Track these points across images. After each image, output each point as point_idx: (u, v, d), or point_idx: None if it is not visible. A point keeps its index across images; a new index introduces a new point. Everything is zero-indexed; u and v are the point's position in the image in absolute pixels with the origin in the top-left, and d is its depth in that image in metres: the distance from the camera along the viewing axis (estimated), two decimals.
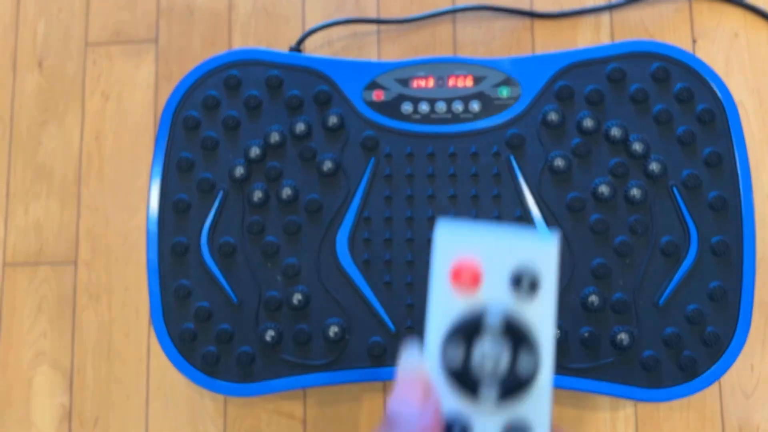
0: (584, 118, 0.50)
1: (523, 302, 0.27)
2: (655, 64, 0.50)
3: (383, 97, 0.51)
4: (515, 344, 0.27)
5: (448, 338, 0.27)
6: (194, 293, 0.49)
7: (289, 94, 0.51)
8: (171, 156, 0.51)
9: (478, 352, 0.27)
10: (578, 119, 0.50)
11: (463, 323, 0.27)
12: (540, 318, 0.27)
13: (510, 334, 0.27)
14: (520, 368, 0.27)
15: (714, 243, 0.48)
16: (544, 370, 0.27)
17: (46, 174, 0.61)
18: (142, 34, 0.63)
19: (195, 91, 0.52)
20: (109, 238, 0.59)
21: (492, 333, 0.27)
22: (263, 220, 0.50)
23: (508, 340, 0.27)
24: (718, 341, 0.47)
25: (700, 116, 0.49)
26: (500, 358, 0.27)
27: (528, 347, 0.27)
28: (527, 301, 0.27)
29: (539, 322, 0.27)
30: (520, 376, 0.27)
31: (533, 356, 0.27)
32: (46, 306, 0.59)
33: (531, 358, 0.27)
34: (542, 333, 0.27)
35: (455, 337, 0.27)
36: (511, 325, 0.27)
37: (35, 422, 0.57)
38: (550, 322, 0.27)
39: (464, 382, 0.27)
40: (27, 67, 0.63)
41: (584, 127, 0.50)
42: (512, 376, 0.27)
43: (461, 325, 0.27)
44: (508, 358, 0.27)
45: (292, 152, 0.51)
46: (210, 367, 0.49)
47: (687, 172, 0.49)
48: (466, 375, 0.27)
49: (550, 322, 0.27)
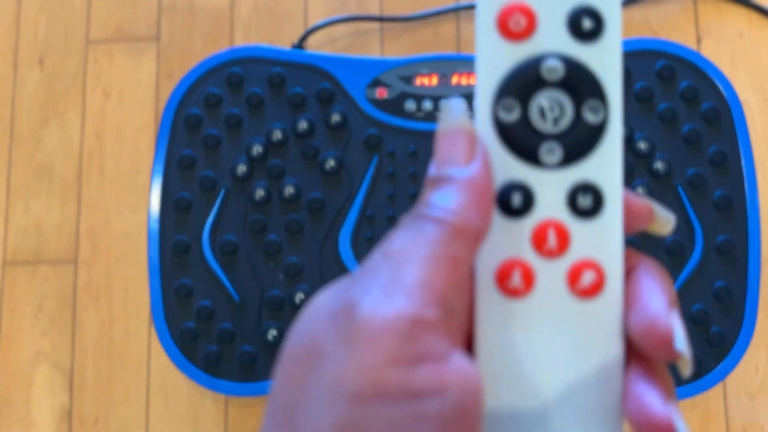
0: None
1: (585, 47, 0.23)
2: (660, 62, 0.50)
3: (386, 95, 0.51)
4: (578, 96, 0.23)
5: (498, 94, 0.23)
6: (196, 292, 0.49)
7: (291, 91, 0.51)
8: (172, 154, 0.51)
9: (534, 106, 0.23)
10: None
11: (515, 75, 0.23)
12: (605, 63, 0.23)
13: (571, 83, 0.23)
14: (585, 121, 0.23)
15: (719, 242, 0.48)
16: (614, 121, 0.23)
17: (46, 172, 0.60)
18: (143, 31, 0.62)
19: (197, 89, 0.52)
20: (109, 237, 0.59)
21: (551, 81, 0.23)
22: (265, 219, 0.50)
23: (569, 91, 0.23)
24: (723, 341, 0.47)
25: (705, 115, 0.49)
26: (562, 109, 0.23)
27: (593, 96, 0.23)
28: (589, 45, 0.23)
29: (605, 68, 0.23)
30: (585, 131, 0.23)
31: (600, 106, 0.23)
32: (46, 305, 0.58)
33: (598, 108, 0.23)
34: (609, 80, 0.23)
35: (508, 91, 0.23)
36: (572, 73, 0.23)
37: (35, 421, 0.57)
38: (617, 67, 0.23)
39: (521, 144, 0.23)
40: (28, 64, 0.62)
41: None
42: (577, 132, 0.23)
43: (513, 77, 0.23)
44: (572, 110, 0.23)
45: (295, 150, 0.50)
46: (211, 367, 0.49)
47: (692, 171, 0.48)
48: (522, 135, 0.23)
49: (617, 67, 0.23)
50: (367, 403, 0.18)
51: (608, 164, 0.23)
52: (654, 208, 0.24)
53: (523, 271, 0.23)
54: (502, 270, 0.23)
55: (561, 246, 0.23)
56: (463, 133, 0.23)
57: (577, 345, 0.23)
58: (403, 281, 0.20)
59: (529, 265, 0.23)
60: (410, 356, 0.19)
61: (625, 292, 0.23)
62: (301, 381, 0.20)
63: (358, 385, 0.19)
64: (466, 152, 0.22)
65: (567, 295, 0.23)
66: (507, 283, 0.23)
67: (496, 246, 0.23)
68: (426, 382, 0.19)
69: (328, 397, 0.19)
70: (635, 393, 0.22)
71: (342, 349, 0.19)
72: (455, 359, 0.20)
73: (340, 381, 0.19)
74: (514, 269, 0.23)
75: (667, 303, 0.22)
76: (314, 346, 0.20)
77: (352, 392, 0.18)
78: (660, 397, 0.22)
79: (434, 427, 0.19)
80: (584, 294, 0.23)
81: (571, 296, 0.23)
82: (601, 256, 0.23)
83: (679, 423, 0.21)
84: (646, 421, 0.21)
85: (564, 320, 0.23)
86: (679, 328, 0.22)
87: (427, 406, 0.19)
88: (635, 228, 0.24)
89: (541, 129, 0.23)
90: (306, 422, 0.19)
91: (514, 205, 0.23)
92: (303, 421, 0.19)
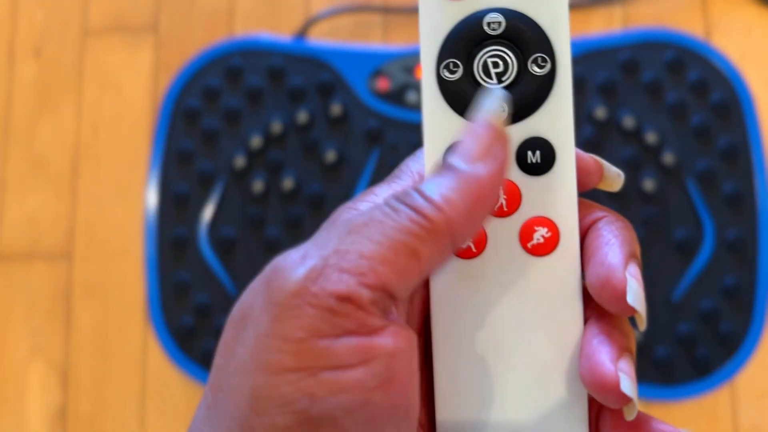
0: (596, 108, 0.49)
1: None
2: (669, 54, 0.49)
3: (388, 86, 0.50)
4: (522, 49, 0.23)
5: (441, 52, 0.23)
6: (193, 287, 0.49)
7: (291, 83, 0.51)
8: (170, 146, 0.51)
9: (478, 63, 0.23)
10: (590, 109, 0.49)
11: (457, 32, 0.23)
12: (549, 11, 0.23)
13: (514, 37, 0.23)
14: (531, 74, 0.22)
15: (729, 238, 0.47)
16: (562, 72, 0.22)
17: (42, 165, 0.60)
18: (141, 21, 0.62)
19: (195, 80, 0.51)
20: (105, 231, 0.58)
21: (493, 36, 0.23)
22: (264, 213, 0.49)
23: (513, 46, 0.23)
24: (732, 339, 0.47)
25: (715, 107, 0.48)
26: (507, 64, 0.22)
27: (538, 48, 0.22)
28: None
29: (548, 17, 0.23)
30: (532, 84, 0.22)
31: (546, 58, 0.22)
32: (41, 301, 0.58)
33: (544, 61, 0.22)
34: (554, 28, 0.23)
35: (451, 49, 0.23)
36: (514, 25, 0.23)
37: (29, 419, 0.56)
38: (563, 15, 0.23)
39: (465, 102, 0.23)
40: (24, 55, 0.62)
41: (596, 117, 0.49)
42: (522, 87, 0.22)
43: (456, 33, 0.23)
44: (517, 64, 0.23)
45: (294, 143, 0.50)
46: (209, 364, 0.48)
47: (702, 164, 0.48)
48: (467, 93, 0.23)
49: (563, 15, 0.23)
50: (286, 373, 0.18)
51: (558, 118, 0.23)
52: (603, 163, 0.24)
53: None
54: None
55: (511, 204, 0.23)
56: (488, 129, 0.21)
57: (533, 303, 0.22)
58: (348, 257, 0.19)
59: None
60: (334, 332, 0.18)
61: (585, 246, 0.23)
62: (231, 346, 0.20)
63: (278, 355, 0.18)
64: (482, 149, 0.21)
65: (520, 253, 0.23)
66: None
67: None
68: (348, 355, 0.18)
69: (249, 365, 0.19)
70: (586, 349, 0.22)
71: (266, 317, 0.19)
72: (387, 332, 0.19)
73: (262, 350, 0.19)
74: None
75: (625, 256, 0.21)
76: (246, 313, 0.20)
77: (271, 362, 0.18)
78: (610, 355, 0.21)
79: (356, 395, 0.18)
80: (537, 251, 0.23)
81: (525, 254, 0.23)
82: (554, 213, 0.23)
83: (625, 382, 0.20)
84: (591, 377, 0.21)
85: (519, 278, 0.23)
86: (634, 281, 0.21)
87: (350, 377, 0.18)
88: (585, 185, 0.23)
89: (485, 86, 0.23)
90: (229, 387, 0.19)
91: None
92: (227, 385, 0.19)
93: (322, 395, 0.18)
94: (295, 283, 0.19)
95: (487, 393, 0.23)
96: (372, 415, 0.19)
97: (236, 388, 0.19)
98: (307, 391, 0.18)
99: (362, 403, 0.18)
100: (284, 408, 0.18)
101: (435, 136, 0.23)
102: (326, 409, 0.18)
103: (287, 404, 0.18)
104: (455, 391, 0.23)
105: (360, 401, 0.18)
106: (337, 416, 0.18)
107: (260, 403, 0.18)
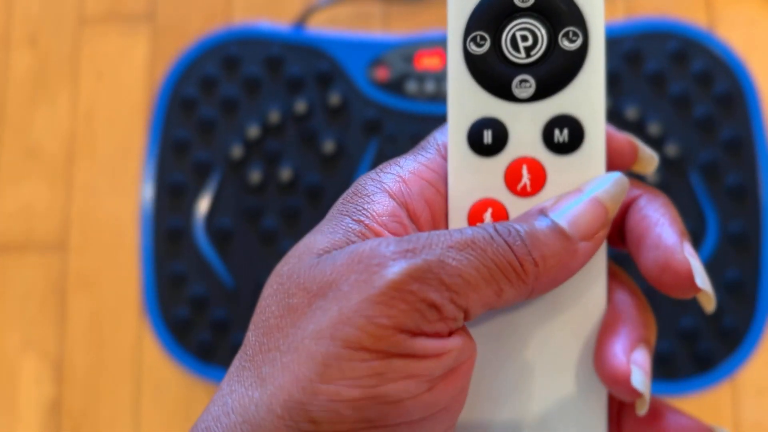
0: None
1: None
2: (672, 44, 0.49)
3: (387, 76, 0.50)
4: (553, 22, 0.22)
5: (469, 25, 0.22)
6: (189, 279, 0.48)
7: (289, 72, 0.50)
8: (166, 136, 0.50)
9: (506, 36, 0.22)
10: None
11: (486, 3, 0.22)
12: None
13: (545, 9, 0.22)
14: (562, 49, 0.22)
15: (732, 231, 0.47)
16: (595, 47, 0.22)
17: (36, 155, 0.60)
18: (137, 10, 0.62)
19: (192, 70, 0.51)
20: (100, 222, 0.58)
21: (523, 8, 0.22)
22: (261, 204, 0.49)
23: (544, 18, 0.22)
24: (734, 334, 0.46)
25: (718, 98, 0.48)
26: (536, 38, 0.22)
27: (570, 21, 0.22)
28: None
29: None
30: (563, 60, 0.22)
31: (579, 32, 0.22)
32: (35, 292, 0.58)
33: (576, 35, 0.22)
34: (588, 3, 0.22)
35: (478, 21, 0.22)
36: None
37: (22, 412, 0.56)
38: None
39: (492, 77, 0.22)
40: (19, 44, 0.62)
41: None
42: (552, 63, 0.22)
43: (484, 5, 0.22)
44: (546, 38, 0.22)
45: (292, 133, 0.49)
46: (205, 356, 0.48)
47: (705, 156, 0.47)
48: (494, 68, 0.22)
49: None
50: (361, 351, 0.19)
51: (588, 95, 0.22)
52: (638, 143, 0.23)
53: (495, 210, 0.22)
54: (474, 210, 0.22)
55: (535, 184, 0.22)
56: (605, 213, 0.21)
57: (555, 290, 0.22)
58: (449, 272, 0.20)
59: (503, 205, 0.22)
60: (415, 330, 0.19)
61: (629, 229, 0.22)
62: (303, 311, 0.20)
63: (358, 333, 0.19)
64: (593, 230, 0.21)
65: None
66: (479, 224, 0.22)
67: (468, 185, 0.22)
68: (425, 351, 0.19)
69: (326, 333, 0.19)
70: (600, 337, 0.22)
71: (356, 296, 0.19)
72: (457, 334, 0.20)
73: (345, 323, 0.19)
74: (486, 209, 0.22)
75: (679, 235, 0.21)
76: (330, 284, 0.20)
77: (351, 337, 0.19)
78: (624, 345, 0.21)
79: (423, 382, 0.19)
80: None
81: None
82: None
83: (637, 376, 0.20)
84: (603, 369, 0.21)
85: None
86: (696, 261, 0.21)
87: (420, 366, 0.19)
88: (617, 166, 0.23)
89: (514, 60, 0.22)
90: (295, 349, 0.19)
91: (486, 142, 0.22)
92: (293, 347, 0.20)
93: (391, 377, 0.19)
94: (398, 275, 0.19)
95: (505, 386, 0.22)
96: (434, 402, 0.20)
97: (305, 352, 0.19)
98: (378, 371, 0.19)
99: (427, 389, 0.19)
100: (352, 381, 0.19)
101: (460, 111, 0.22)
102: (393, 390, 0.19)
103: (357, 378, 0.19)
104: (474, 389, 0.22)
105: (425, 387, 0.19)
106: (403, 398, 0.19)
107: (329, 371, 0.19)
